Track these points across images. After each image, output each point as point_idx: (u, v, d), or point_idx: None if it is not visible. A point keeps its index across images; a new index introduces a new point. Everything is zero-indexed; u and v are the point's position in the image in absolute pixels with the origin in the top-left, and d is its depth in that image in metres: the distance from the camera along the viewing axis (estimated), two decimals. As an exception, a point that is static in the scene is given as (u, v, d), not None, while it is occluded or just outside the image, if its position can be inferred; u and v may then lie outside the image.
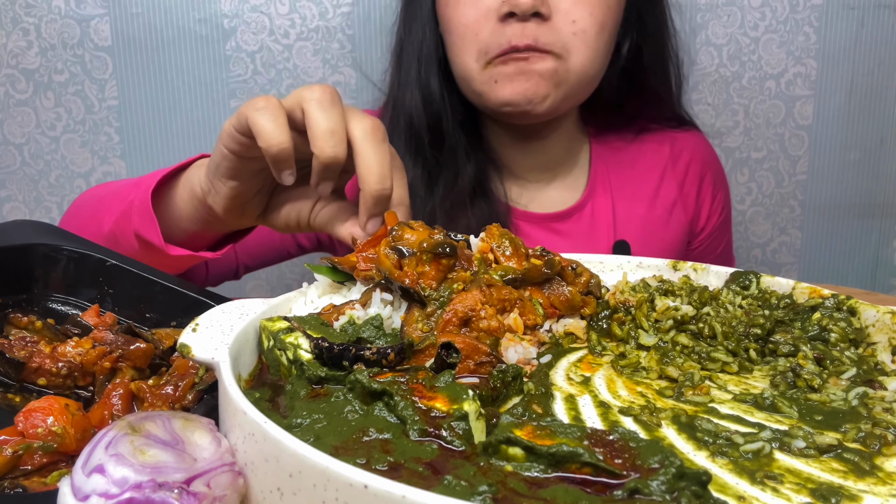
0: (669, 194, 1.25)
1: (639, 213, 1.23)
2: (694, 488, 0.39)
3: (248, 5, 1.52)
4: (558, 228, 1.20)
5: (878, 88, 1.67)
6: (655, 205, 1.24)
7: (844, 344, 0.63)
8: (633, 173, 1.25)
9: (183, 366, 0.66)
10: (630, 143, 1.26)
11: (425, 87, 1.13)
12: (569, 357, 0.62)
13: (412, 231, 0.64)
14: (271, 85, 1.55)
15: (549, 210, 1.20)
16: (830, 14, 1.62)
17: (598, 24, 1.05)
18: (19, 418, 0.56)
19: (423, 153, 1.12)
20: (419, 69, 1.13)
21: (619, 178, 1.24)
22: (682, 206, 1.26)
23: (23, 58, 1.51)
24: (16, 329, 0.70)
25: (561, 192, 1.22)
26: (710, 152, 1.32)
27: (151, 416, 0.47)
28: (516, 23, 1.02)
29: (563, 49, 1.03)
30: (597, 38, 1.05)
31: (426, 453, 0.43)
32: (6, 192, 1.57)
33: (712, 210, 1.30)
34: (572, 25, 1.03)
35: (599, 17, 1.04)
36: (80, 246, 0.78)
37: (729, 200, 1.36)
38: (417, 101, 1.12)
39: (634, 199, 1.23)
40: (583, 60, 1.05)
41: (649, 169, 1.25)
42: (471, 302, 0.59)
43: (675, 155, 1.27)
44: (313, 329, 0.58)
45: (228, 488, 0.44)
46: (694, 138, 1.30)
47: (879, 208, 1.75)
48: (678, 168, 1.26)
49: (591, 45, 1.05)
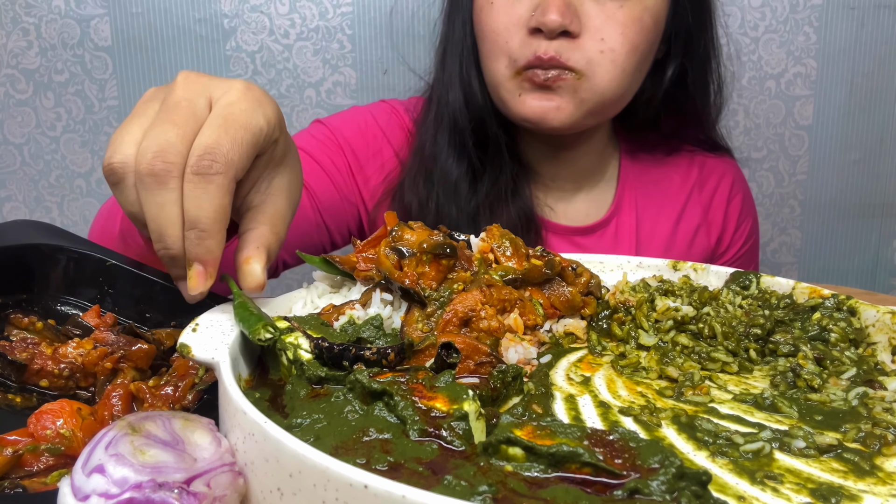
0: (694, 217, 1.24)
1: (662, 233, 1.22)
2: (694, 488, 0.39)
3: (248, 5, 1.52)
4: (582, 243, 1.19)
5: (878, 88, 1.67)
6: (679, 227, 1.23)
7: (844, 344, 0.63)
8: (660, 193, 1.24)
9: (183, 366, 0.66)
10: (660, 162, 1.25)
11: (467, 86, 1.12)
12: (569, 357, 0.62)
13: (412, 231, 0.64)
14: (271, 85, 1.56)
15: (573, 222, 1.20)
16: (830, 14, 1.62)
17: (630, 45, 1.03)
18: (31, 419, 0.56)
19: (467, 152, 1.12)
20: (461, 68, 1.13)
21: (645, 197, 1.23)
22: (705, 230, 1.25)
23: (23, 58, 1.51)
24: (17, 330, 0.70)
25: (586, 204, 1.22)
26: (739, 179, 1.30)
27: (151, 416, 0.47)
28: (544, 39, 1.01)
29: (587, 67, 1.02)
30: (626, 57, 1.03)
31: (426, 453, 0.43)
32: (6, 192, 1.57)
33: (736, 237, 1.28)
34: (601, 44, 1.02)
35: (631, 36, 1.03)
36: (80, 246, 0.78)
37: (757, 229, 1.33)
38: (460, 101, 1.12)
39: (658, 220, 1.23)
40: (608, 80, 1.04)
41: (676, 190, 1.24)
42: (471, 302, 0.59)
43: (703, 178, 1.25)
44: (313, 329, 0.58)
45: (228, 488, 0.44)
46: (725, 164, 1.28)
47: (879, 208, 1.75)
48: (705, 192, 1.25)
49: (618, 64, 1.03)
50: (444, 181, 1.11)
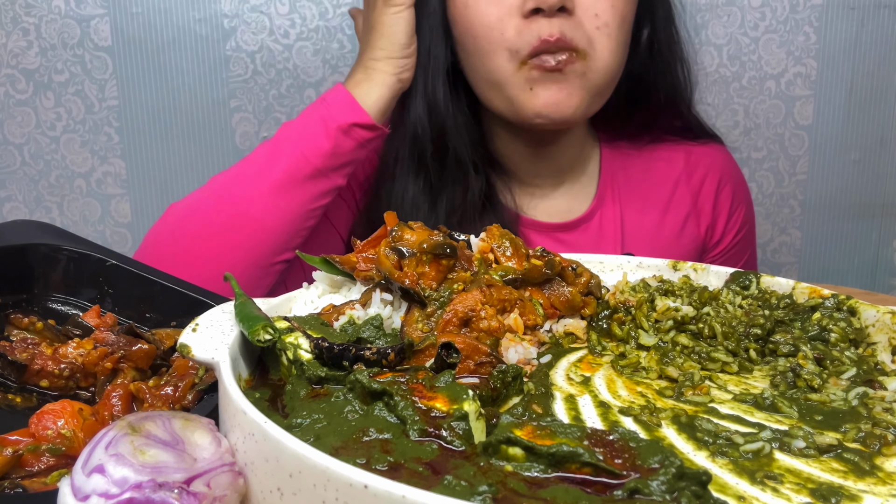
0: (682, 207, 1.21)
1: (648, 224, 1.20)
2: (694, 488, 0.39)
3: (248, 5, 1.52)
4: (564, 239, 1.17)
5: (878, 88, 1.67)
6: (667, 217, 1.20)
7: (844, 344, 0.63)
8: (645, 184, 1.21)
9: (183, 366, 0.66)
10: (642, 150, 1.23)
11: (431, 96, 1.09)
12: (569, 357, 0.62)
13: (412, 231, 0.64)
14: (271, 85, 1.55)
15: (555, 219, 1.17)
16: (830, 14, 1.62)
17: (620, 17, 1.03)
18: (33, 419, 0.56)
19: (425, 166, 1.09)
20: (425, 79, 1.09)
21: (629, 188, 1.21)
22: (695, 219, 1.22)
23: (23, 58, 1.51)
24: (17, 330, 0.70)
25: (568, 199, 1.20)
26: (730, 166, 1.27)
27: (151, 416, 0.47)
28: (542, 18, 0.99)
29: (588, 44, 1.01)
30: (619, 30, 1.03)
31: (426, 453, 0.43)
32: (6, 192, 1.57)
33: (729, 225, 1.25)
34: (595, 19, 1.01)
35: (620, 8, 1.03)
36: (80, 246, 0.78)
37: (752, 216, 1.31)
38: (422, 112, 1.09)
39: (644, 211, 1.20)
40: (607, 55, 1.03)
41: (662, 179, 1.22)
42: (471, 302, 0.60)
43: (690, 166, 1.23)
44: (313, 329, 0.58)
45: (228, 488, 0.44)
46: (713, 150, 1.26)
47: (879, 208, 1.75)
48: (693, 180, 1.22)
49: (614, 37, 1.03)
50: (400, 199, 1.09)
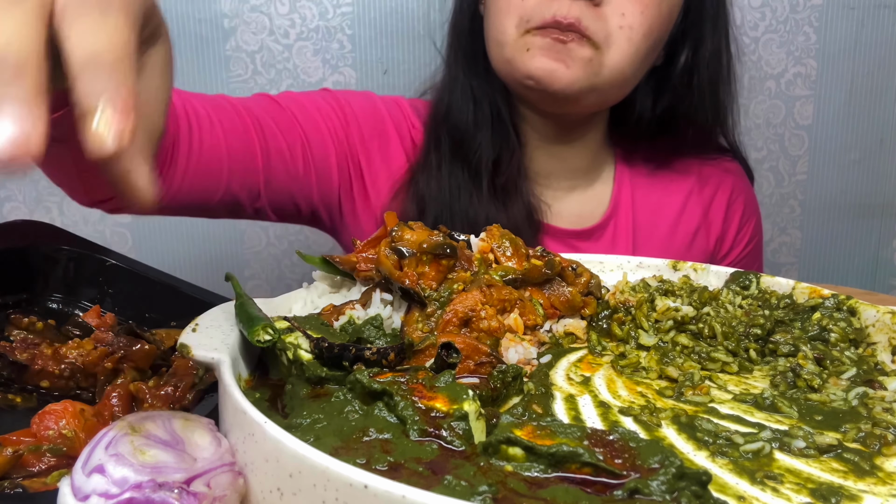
0: (693, 219, 1.22)
1: (659, 235, 1.20)
2: (694, 488, 0.39)
3: (248, 5, 1.52)
4: (579, 246, 1.17)
5: (878, 88, 1.67)
6: (677, 230, 1.21)
7: (844, 344, 0.63)
8: (658, 194, 1.22)
9: (183, 366, 0.66)
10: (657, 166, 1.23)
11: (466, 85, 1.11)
12: (569, 357, 0.62)
13: (412, 232, 0.64)
14: (271, 85, 1.55)
15: (569, 223, 1.18)
16: (830, 14, 1.62)
17: (647, 26, 1.02)
18: (34, 419, 0.56)
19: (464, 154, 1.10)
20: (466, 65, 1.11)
21: (642, 199, 1.21)
22: (705, 231, 1.23)
23: (23, 58, 1.51)
24: (17, 330, 0.70)
25: (581, 204, 1.20)
26: (741, 179, 1.28)
27: (151, 416, 0.47)
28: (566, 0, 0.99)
29: (604, 40, 1.00)
30: (642, 39, 1.02)
31: (426, 453, 0.43)
32: (6, 192, 1.57)
33: (738, 238, 1.26)
34: (621, 19, 1.00)
35: (649, 18, 1.01)
36: (79, 246, 0.78)
37: (760, 230, 1.31)
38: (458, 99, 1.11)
39: (657, 222, 1.21)
40: (620, 57, 1.02)
41: (675, 192, 1.22)
42: (471, 302, 0.60)
43: (702, 180, 1.23)
44: (313, 329, 0.58)
45: (228, 488, 0.44)
46: (725, 163, 1.26)
47: (879, 208, 1.75)
48: (705, 192, 1.23)
49: (634, 43, 1.01)
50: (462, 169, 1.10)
